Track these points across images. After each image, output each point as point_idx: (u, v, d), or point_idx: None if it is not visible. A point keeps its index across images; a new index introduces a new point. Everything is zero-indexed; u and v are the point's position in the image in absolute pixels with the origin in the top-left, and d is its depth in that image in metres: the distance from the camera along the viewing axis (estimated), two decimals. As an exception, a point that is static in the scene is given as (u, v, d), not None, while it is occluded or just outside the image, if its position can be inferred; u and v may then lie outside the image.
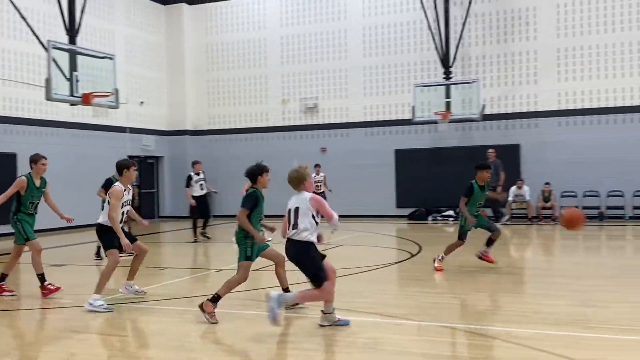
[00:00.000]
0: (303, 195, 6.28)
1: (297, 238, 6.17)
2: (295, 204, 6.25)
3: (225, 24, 23.08)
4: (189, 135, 23.36)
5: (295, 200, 6.29)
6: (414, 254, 11.73)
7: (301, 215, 6.16)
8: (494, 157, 17.62)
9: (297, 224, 6.15)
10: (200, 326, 6.54)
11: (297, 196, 6.33)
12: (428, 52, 20.02)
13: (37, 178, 8.43)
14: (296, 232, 6.16)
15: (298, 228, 6.15)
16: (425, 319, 6.65)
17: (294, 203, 6.27)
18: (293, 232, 6.18)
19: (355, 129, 21.16)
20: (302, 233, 6.15)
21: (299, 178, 6.33)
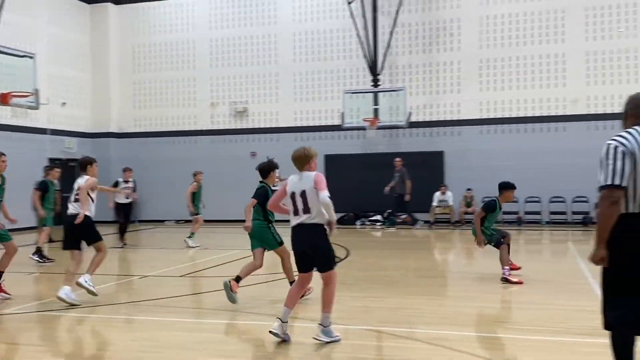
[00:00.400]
0: (309, 176, 5.75)
1: (312, 222, 5.68)
2: (301, 186, 5.72)
3: (152, 25, 22.66)
4: (114, 137, 22.75)
5: (299, 183, 5.76)
6: (342, 259, 11.87)
7: (310, 198, 5.67)
8: (400, 165, 18.35)
9: (309, 208, 5.66)
10: (125, 334, 6.39)
11: (300, 178, 5.81)
12: (357, 60, 20.35)
13: None
14: (310, 216, 5.67)
15: (311, 212, 5.66)
16: (352, 322, 6.75)
17: (299, 185, 5.73)
18: (306, 216, 5.67)
19: (285, 133, 21.21)
20: (318, 216, 5.67)
21: (308, 156, 5.85)
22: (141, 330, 6.61)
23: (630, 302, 3.89)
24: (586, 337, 5.99)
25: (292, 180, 5.85)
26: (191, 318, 7.09)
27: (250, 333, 6.42)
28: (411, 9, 20.08)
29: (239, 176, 21.36)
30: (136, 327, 6.77)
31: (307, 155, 5.86)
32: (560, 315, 6.95)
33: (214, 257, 12.32)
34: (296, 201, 5.74)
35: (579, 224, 18.27)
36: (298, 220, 5.74)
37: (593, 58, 18.66)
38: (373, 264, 11.40)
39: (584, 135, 18.34)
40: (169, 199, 21.03)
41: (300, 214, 5.72)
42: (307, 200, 5.68)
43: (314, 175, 5.73)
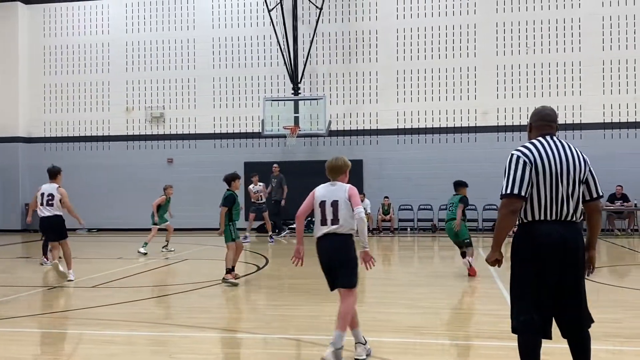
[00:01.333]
0: (341, 187, 5.61)
1: (341, 232, 5.49)
2: (333, 196, 5.54)
3: (65, 26, 21.82)
4: (22, 142, 21.68)
5: (329, 192, 5.59)
6: (260, 267, 11.80)
7: (341, 208, 5.48)
8: (278, 171, 18.57)
9: (338, 218, 5.47)
10: (28, 348, 6.07)
11: (331, 187, 5.64)
12: (277, 67, 20.37)
13: None
14: (339, 226, 5.48)
15: (339, 222, 5.47)
16: (270, 332, 6.71)
17: (330, 195, 5.56)
18: (335, 226, 5.48)
19: (203, 140, 20.92)
20: (346, 226, 5.49)
21: (345, 166, 5.73)
22: (47, 343, 6.30)
23: (536, 306, 4.07)
24: (495, 340, 6.21)
25: (321, 189, 5.68)
26: (103, 330, 6.82)
27: (163, 345, 6.25)
28: (330, 19, 20.34)
29: (156, 183, 20.84)
30: (39, 340, 6.43)
31: (345, 165, 5.74)
32: (469, 319, 7.19)
33: (126, 267, 11.94)
34: (325, 210, 5.55)
35: (489, 230, 19.01)
36: (327, 230, 5.54)
37: (502, 72, 19.52)
38: (291, 272, 11.38)
39: (493, 145, 19.13)
40: (83, 206, 20.18)
41: (329, 223, 5.53)
42: (337, 211, 5.50)
43: (348, 188, 5.59)
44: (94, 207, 19.44)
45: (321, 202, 5.57)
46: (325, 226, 5.53)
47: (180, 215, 20.05)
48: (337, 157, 5.82)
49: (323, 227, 5.55)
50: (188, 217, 19.84)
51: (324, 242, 5.57)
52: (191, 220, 20.04)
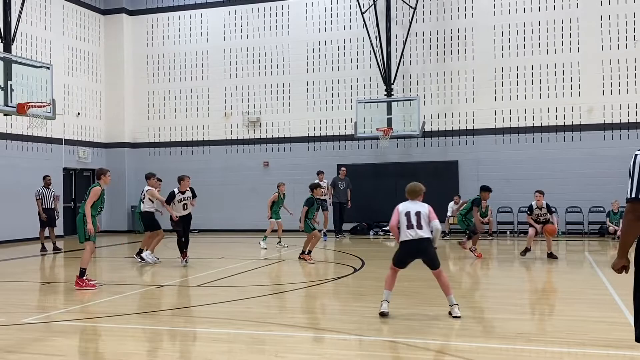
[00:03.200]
0: (422, 205, 7.46)
1: (426, 236, 7.27)
2: (417, 209, 7.36)
3: (166, 36, 22.81)
4: (128, 147, 22.86)
5: (414, 206, 7.41)
6: (357, 269, 11.80)
7: (423, 218, 7.30)
8: (345, 174, 18.69)
9: (422, 225, 7.27)
10: (142, 344, 6.36)
11: (413, 203, 7.47)
12: (370, 69, 20.35)
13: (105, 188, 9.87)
14: (423, 231, 7.26)
15: (423, 228, 7.27)
16: (366, 333, 6.69)
17: (415, 208, 7.37)
18: (421, 231, 7.26)
19: (298, 143, 21.22)
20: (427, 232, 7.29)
21: (422, 190, 7.61)
22: (160, 340, 6.57)
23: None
24: (610, 349, 5.87)
25: (405, 205, 7.48)
26: (209, 328, 7.04)
27: (269, 344, 6.36)
28: (424, 18, 20.09)
29: (252, 186, 21.39)
30: (154, 337, 6.73)
31: (420, 189, 7.61)
32: (582, 327, 6.85)
33: (228, 267, 12.29)
34: (412, 219, 7.31)
35: (596, 234, 18.08)
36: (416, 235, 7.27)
37: (608, 67, 18.54)
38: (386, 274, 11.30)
39: (599, 144, 18.20)
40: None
41: (415, 229, 7.27)
42: (420, 220, 7.30)
43: (427, 206, 7.44)
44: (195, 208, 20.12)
45: (407, 212, 7.36)
46: (414, 230, 7.28)
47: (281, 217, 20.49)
48: (417, 183, 7.67)
49: (413, 231, 7.29)
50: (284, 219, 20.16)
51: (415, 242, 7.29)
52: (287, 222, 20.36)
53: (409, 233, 7.25)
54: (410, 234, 7.25)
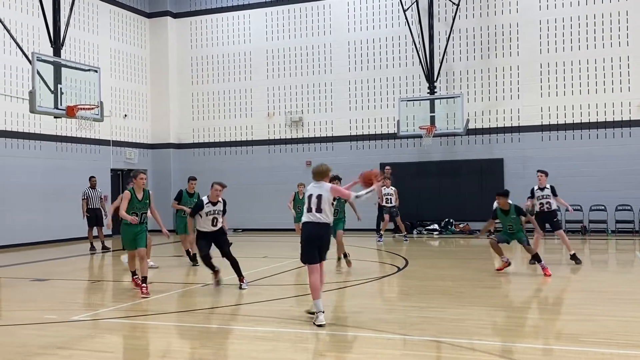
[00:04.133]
0: (325, 185, 7.13)
1: (325, 221, 7.03)
2: (318, 192, 7.07)
3: (210, 37, 23.09)
4: (173, 148, 23.24)
5: (316, 190, 7.11)
6: (400, 268, 11.72)
7: (324, 202, 7.01)
8: (390, 173, 18.43)
9: (321, 209, 7.01)
10: (187, 342, 6.46)
11: (317, 186, 7.15)
12: (413, 67, 20.19)
13: (138, 192, 9.32)
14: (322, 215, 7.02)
15: (322, 212, 7.01)
16: (411, 333, 6.63)
17: (316, 191, 7.08)
18: (320, 215, 7.01)
19: (340, 142, 21.21)
20: (327, 217, 7.05)
21: (328, 171, 7.26)
22: (204, 338, 6.65)
23: None
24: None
25: (310, 187, 7.21)
26: (255, 326, 7.09)
27: (314, 342, 6.37)
28: (468, 14, 19.81)
29: (295, 185, 21.45)
30: (199, 335, 6.81)
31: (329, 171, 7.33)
32: (633, 328, 6.64)
33: (271, 266, 12.37)
34: (311, 201, 7.04)
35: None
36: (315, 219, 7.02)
37: (660, 60, 17.94)
38: (431, 274, 11.22)
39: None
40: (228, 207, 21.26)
41: (313, 211, 7.01)
42: (320, 203, 7.02)
43: (329, 188, 7.14)
44: (238, 208, 20.35)
45: (309, 195, 7.10)
46: (313, 214, 7.02)
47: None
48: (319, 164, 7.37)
49: (312, 214, 7.02)
50: (326, 218, 20.18)
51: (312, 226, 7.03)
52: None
53: (309, 216, 7.07)
54: (309, 217, 7.05)
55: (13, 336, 7.06)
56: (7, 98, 17.17)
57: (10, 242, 16.88)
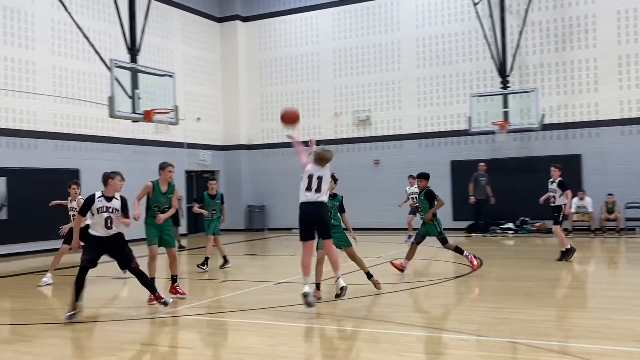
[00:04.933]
0: (327, 169, 7.74)
1: (322, 199, 7.59)
2: (320, 173, 7.64)
3: (278, 39, 23.37)
4: (243, 149, 23.66)
5: (318, 171, 7.66)
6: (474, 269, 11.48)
7: (325, 182, 7.60)
8: (484, 170, 18.19)
9: (321, 189, 7.54)
10: (263, 339, 6.56)
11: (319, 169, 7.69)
12: (484, 62, 19.75)
13: (163, 184, 8.94)
14: (320, 194, 7.59)
15: (321, 192, 7.57)
16: (487, 334, 6.49)
17: (318, 172, 7.64)
18: (318, 194, 7.53)
19: (409, 140, 21.01)
20: (325, 197, 7.64)
21: (332, 156, 7.80)
22: (281, 335, 6.74)
23: None
24: None
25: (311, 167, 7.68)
26: (330, 325, 7.13)
27: (388, 342, 6.34)
28: (541, 6, 19.20)
29: (363, 185, 21.44)
30: (276, 332, 6.90)
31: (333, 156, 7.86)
32: None
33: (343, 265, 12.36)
34: (312, 181, 7.54)
35: None
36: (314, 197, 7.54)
37: None
38: (507, 274, 10.94)
39: None
40: (295, 207, 21.44)
41: (312, 191, 7.51)
42: (321, 183, 7.56)
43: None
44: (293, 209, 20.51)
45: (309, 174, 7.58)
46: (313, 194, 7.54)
47: (386, 215, 20.44)
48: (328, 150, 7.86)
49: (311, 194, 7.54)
50: (394, 217, 20.07)
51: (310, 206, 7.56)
52: (398, 219, 20.28)
53: (307, 195, 7.43)
54: (307, 196, 7.42)
55: (99, 332, 7.37)
56: (87, 104, 17.96)
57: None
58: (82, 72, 17.97)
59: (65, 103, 17.47)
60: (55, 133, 17.17)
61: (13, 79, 16.09)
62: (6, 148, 15.83)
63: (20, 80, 16.25)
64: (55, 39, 17.29)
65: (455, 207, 19.98)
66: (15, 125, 16.10)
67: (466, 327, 6.83)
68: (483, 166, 18.39)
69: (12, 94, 16.06)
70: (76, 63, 17.82)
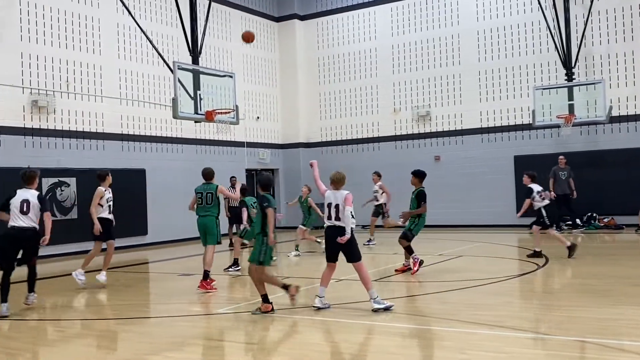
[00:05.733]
0: (342, 193, 7.86)
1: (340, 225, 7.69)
2: (336, 201, 7.81)
3: (336, 37, 23.39)
4: (302, 147, 23.81)
5: (335, 198, 7.85)
6: (541, 266, 11.20)
7: (340, 211, 7.74)
8: (565, 163, 17.58)
9: (339, 217, 7.73)
10: (326, 335, 6.59)
11: (335, 194, 7.89)
12: (547, 53, 19.20)
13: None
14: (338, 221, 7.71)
15: (340, 220, 7.73)
16: (554, 332, 6.32)
17: (335, 200, 7.84)
18: (337, 222, 7.72)
19: (470, 135, 20.65)
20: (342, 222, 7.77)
21: (344, 179, 8.02)
22: (343, 332, 6.76)
23: None
24: None
25: (329, 194, 7.96)
26: (390, 322, 7.10)
27: (451, 340, 6.26)
28: (608, -6, 18.51)
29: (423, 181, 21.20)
30: (337, 329, 6.92)
31: (345, 178, 8.07)
32: None
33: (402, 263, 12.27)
34: (331, 210, 7.81)
35: None
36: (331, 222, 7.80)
37: None
38: (575, 271, 10.62)
39: None
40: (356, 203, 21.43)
41: (332, 219, 7.77)
42: (338, 212, 7.75)
43: (344, 195, 7.81)
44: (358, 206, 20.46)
45: (328, 203, 7.85)
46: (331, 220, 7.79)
47: (448, 212, 20.14)
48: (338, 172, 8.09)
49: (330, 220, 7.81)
50: (455, 213, 19.79)
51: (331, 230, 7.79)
52: (459, 216, 20.01)
53: (327, 221, 7.88)
54: (327, 222, 7.87)
55: (167, 327, 7.58)
56: (152, 105, 18.47)
57: (157, 240, 18.15)
58: (146, 75, 18.50)
59: (130, 105, 18.03)
60: (122, 134, 17.74)
61: (81, 83, 16.71)
62: (75, 150, 16.47)
63: (88, 84, 16.86)
64: (121, 43, 17.85)
65: (518, 203, 19.49)
66: (84, 128, 16.73)
67: (532, 326, 6.67)
68: (563, 159, 17.75)
69: (81, 97, 16.69)
70: (140, 66, 18.35)
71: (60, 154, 16.07)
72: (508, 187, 19.56)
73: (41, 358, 6.10)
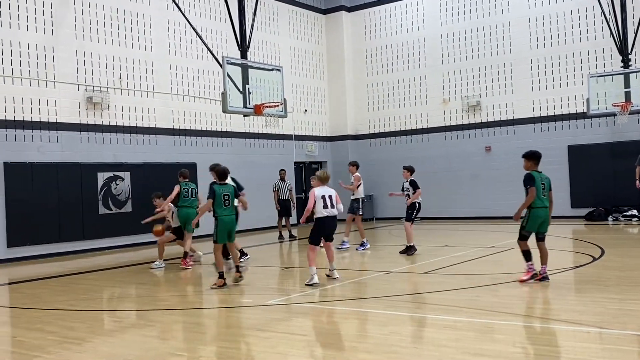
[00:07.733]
0: (330, 188, 9.47)
1: (336, 213, 9.36)
2: (329, 193, 9.37)
3: (383, 28, 23.23)
4: (350, 140, 23.78)
5: (327, 191, 9.38)
6: (596, 258, 10.90)
7: (334, 200, 9.36)
8: None
9: (334, 205, 9.31)
10: (375, 327, 6.59)
11: (324, 188, 9.42)
12: (602, 40, 18.62)
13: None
14: (334, 209, 9.33)
15: (334, 207, 9.33)
16: (609, 326, 6.15)
17: (327, 192, 9.37)
18: (333, 210, 9.30)
19: (522, 125, 20.22)
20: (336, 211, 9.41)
21: (329, 177, 9.57)
22: (393, 324, 6.75)
23: None
24: None
25: (320, 190, 9.38)
26: (443, 315, 7.05)
27: (504, 333, 6.17)
28: (667, -25, 17.78)
29: (474, 172, 20.93)
30: (387, 321, 6.92)
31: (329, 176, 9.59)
32: None
33: (452, 255, 12.18)
34: (326, 200, 9.29)
35: None
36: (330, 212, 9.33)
37: None
38: (631, 264, 10.29)
39: None
40: (404, 196, 21.29)
41: (329, 207, 9.29)
42: (332, 201, 9.36)
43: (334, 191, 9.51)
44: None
45: (322, 195, 9.27)
46: (329, 209, 9.29)
47: (499, 204, 19.78)
48: (323, 170, 9.65)
49: (328, 210, 9.28)
50: (508, 205, 19.38)
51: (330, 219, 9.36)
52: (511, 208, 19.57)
53: (325, 211, 9.19)
54: (326, 212, 9.19)
55: (218, 318, 7.73)
56: (202, 100, 18.78)
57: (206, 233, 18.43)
58: (196, 70, 18.80)
59: (181, 100, 18.36)
60: (173, 129, 18.10)
61: (134, 79, 17.11)
62: (129, 144, 16.89)
63: (140, 80, 17.26)
64: (171, 39, 18.19)
65: (573, 194, 19.04)
66: (137, 123, 17.14)
67: (587, 319, 6.51)
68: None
69: (133, 93, 17.10)
70: (190, 61, 18.66)
71: (115, 149, 16.52)
72: (562, 177, 19.07)
73: (100, 347, 6.31)
